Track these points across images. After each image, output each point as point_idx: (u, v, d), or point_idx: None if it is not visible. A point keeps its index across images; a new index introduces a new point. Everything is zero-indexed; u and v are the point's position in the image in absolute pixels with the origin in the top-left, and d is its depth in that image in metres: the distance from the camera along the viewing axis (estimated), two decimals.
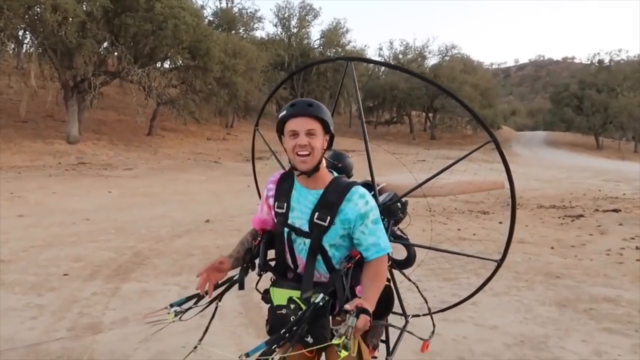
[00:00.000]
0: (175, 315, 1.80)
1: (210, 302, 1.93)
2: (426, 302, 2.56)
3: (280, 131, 1.85)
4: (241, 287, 1.92)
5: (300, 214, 1.85)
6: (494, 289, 5.22)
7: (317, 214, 1.81)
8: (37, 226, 8.39)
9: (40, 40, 20.44)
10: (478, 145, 2.34)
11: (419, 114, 52.02)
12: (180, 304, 1.85)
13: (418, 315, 2.66)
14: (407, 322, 2.42)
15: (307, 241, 1.84)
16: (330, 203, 1.80)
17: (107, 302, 4.70)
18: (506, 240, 2.49)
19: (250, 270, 1.97)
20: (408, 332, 2.31)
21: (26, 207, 10.21)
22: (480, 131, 42.33)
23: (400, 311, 2.47)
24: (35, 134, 21.85)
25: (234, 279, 1.97)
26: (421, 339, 2.26)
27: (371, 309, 1.62)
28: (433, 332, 2.50)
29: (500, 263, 2.53)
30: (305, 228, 1.84)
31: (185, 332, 3.36)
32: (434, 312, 2.59)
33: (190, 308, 1.88)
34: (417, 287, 2.54)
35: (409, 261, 2.46)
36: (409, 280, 2.54)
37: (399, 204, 2.43)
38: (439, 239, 7.19)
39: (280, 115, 1.81)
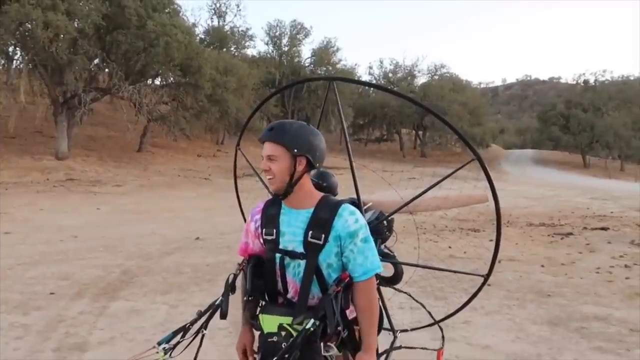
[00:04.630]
0: (165, 353, 1.75)
1: (197, 334, 1.86)
2: (429, 312, 2.55)
3: None
4: (224, 317, 1.84)
5: (292, 237, 1.82)
6: (486, 307, 5.21)
7: (311, 232, 1.78)
8: (24, 243, 8.26)
9: (30, 56, 20.39)
10: (463, 164, 2.39)
11: (409, 132, 52.45)
12: (168, 340, 1.80)
13: (406, 330, 2.65)
14: (395, 337, 2.41)
15: (302, 263, 1.80)
16: (322, 220, 1.79)
17: (94, 321, 4.62)
18: (492, 255, 2.52)
19: (230, 294, 1.90)
20: (409, 347, 2.28)
21: (13, 224, 10.07)
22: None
23: (388, 327, 2.45)
24: (23, 150, 21.65)
25: (216, 304, 1.90)
26: (432, 349, 2.24)
27: (373, 357, 1.78)
28: (443, 338, 2.47)
29: (486, 278, 2.55)
30: (300, 249, 1.80)
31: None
32: (427, 325, 2.57)
33: (179, 343, 1.83)
34: (413, 298, 2.54)
35: (396, 279, 2.46)
36: (404, 292, 2.53)
37: (384, 222, 2.44)
38: (429, 258, 7.18)
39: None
